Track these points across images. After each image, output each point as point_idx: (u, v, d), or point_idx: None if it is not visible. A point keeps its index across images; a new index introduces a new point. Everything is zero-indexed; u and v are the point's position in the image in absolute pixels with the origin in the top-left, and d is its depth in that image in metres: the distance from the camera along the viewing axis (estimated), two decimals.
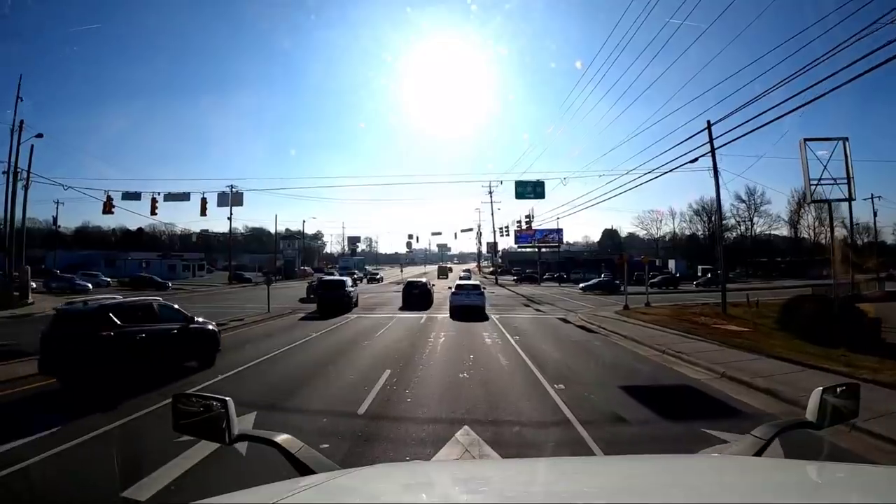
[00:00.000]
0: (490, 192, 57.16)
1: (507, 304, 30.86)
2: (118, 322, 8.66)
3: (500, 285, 53.62)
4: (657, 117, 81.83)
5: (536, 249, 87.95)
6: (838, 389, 1.76)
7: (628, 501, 1.31)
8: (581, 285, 45.11)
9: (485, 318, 21.51)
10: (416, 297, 28.20)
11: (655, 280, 52.24)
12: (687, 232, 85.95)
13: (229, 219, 57.19)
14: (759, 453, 1.66)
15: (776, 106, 13.55)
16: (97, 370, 8.10)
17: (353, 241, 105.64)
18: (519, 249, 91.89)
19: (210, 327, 11.19)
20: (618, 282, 47.21)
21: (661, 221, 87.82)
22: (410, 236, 56.00)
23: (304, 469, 1.55)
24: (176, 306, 10.74)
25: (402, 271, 63.19)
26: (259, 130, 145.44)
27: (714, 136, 21.29)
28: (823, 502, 1.25)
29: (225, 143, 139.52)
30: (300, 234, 78.55)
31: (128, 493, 4.43)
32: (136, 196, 31.99)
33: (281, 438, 1.64)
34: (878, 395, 7.46)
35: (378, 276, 59.95)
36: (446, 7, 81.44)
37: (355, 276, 60.88)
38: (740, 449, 1.73)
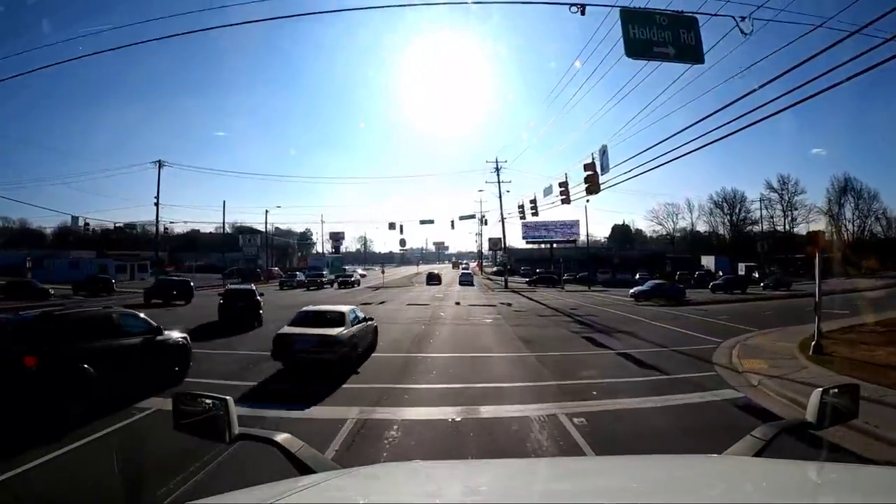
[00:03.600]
0: (497, 170, 44.25)
1: (548, 335, 15.70)
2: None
3: (514, 290, 40.64)
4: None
5: (549, 245, 75.12)
6: (838, 390, 1.76)
7: (628, 501, 1.31)
8: (632, 291, 32.10)
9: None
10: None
11: (719, 282, 40.22)
12: (701, 227, 79.80)
13: (156, 203, 44.21)
14: (759, 454, 1.64)
15: None
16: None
17: (337, 237, 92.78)
18: (527, 246, 79.02)
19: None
20: (681, 286, 34.52)
21: (677, 215, 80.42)
22: (392, 225, 42.47)
23: (303, 468, 1.56)
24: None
25: (383, 272, 49.99)
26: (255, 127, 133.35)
27: None
28: (823, 502, 1.28)
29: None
30: (297, 232, 66.31)
31: None
32: None
33: (281, 438, 1.65)
34: None
35: (352, 279, 46.92)
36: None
37: (323, 278, 48.12)
38: (740, 449, 1.71)
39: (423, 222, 42.62)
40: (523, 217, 32.65)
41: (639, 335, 15.40)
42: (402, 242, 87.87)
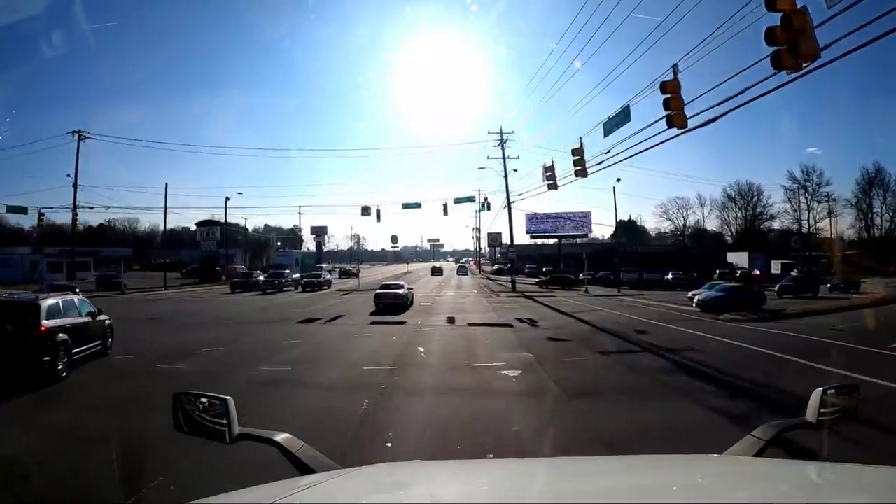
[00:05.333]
0: (501, 142, 34.92)
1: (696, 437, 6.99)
2: None
3: (526, 295, 31.22)
4: None
5: (556, 240, 66.02)
6: (838, 389, 1.74)
7: (628, 501, 1.31)
8: (698, 298, 22.95)
9: None
10: None
11: (788, 283, 32.51)
12: (710, 223, 74.63)
13: (74, 185, 34.82)
14: (759, 454, 1.63)
15: None
16: None
17: (319, 231, 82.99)
18: (529, 242, 69.91)
19: None
20: (762, 291, 25.37)
21: (687, 210, 74.88)
22: (366, 209, 32.60)
23: (304, 468, 1.56)
24: None
25: (358, 273, 40.68)
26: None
27: None
28: (823, 502, 1.26)
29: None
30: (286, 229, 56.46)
31: None
32: None
33: (281, 438, 1.66)
34: None
35: (320, 280, 37.33)
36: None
37: (284, 279, 38.71)
38: (740, 449, 1.70)
39: (406, 206, 33.16)
40: (552, 181, 23.07)
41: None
42: (394, 239, 79.94)
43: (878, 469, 1.51)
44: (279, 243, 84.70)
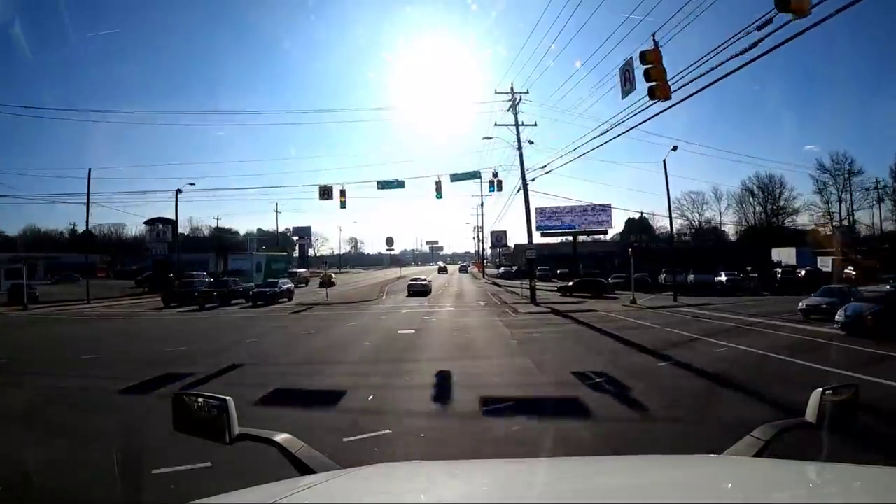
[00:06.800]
0: (513, 104, 25.89)
1: None
2: None
3: (553, 307, 22.00)
4: None
5: (572, 238, 57.01)
6: (838, 390, 1.71)
7: (628, 501, 1.31)
8: (840, 316, 14.19)
9: None
10: None
11: None
12: (726, 219, 68.57)
13: None
14: (758, 454, 1.61)
15: None
16: None
17: (301, 232, 74.20)
18: (536, 240, 60.99)
19: None
20: None
21: (703, 205, 69.12)
22: (325, 190, 23.50)
23: (304, 469, 1.54)
24: None
25: (325, 286, 31.78)
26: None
27: None
28: (823, 502, 1.26)
29: None
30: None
31: None
32: None
33: (281, 438, 1.64)
34: None
35: (275, 291, 28.10)
36: None
37: (231, 287, 29.71)
38: (739, 449, 1.67)
39: (384, 185, 23.98)
40: (629, 83, 13.58)
41: None
42: (389, 241, 73.16)
43: (878, 469, 1.48)
44: (264, 247, 75.62)
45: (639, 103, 14.58)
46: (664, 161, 27.50)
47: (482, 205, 62.44)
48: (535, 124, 26.77)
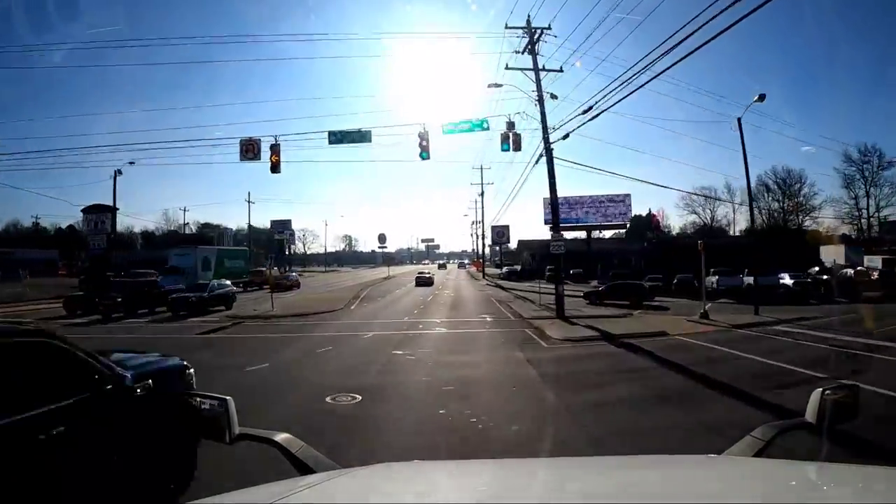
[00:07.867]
0: (531, 42, 18.37)
1: None
2: None
3: (610, 333, 14.24)
4: None
5: (586, 233, 49.50)
6: (838, 390, 1.70)
7: (628, 501, 1.29)
8: None
9: None
10: None
11: None
12: (739, 216, 65.94)
13: None
14: (758, 454, 1.62)
15: None
16: None
17: (281, 226, 66.57)
18: (533, 237, 53.76)
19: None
20: None
21: (715, 203, 66.03)
22: (248, 146, 16.30)
23: (303, 468, 1.58)
24: None
25: (274, 290, 24.02)
26: None
27: None
28: (823, 502, 1.24)
29: None
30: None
31: None
32: None
33: (281, 438, 1.66)
34: None
35: (203, 297, 20.31)
36: None
37: (146, 289, 21.94)
38: (740, 450, 1.68)
39: (336, 138, 15.69)
40: None
41: None
42: (381, 238, 66.57)
43: (878, 469, 1.46)
44: (246, 243, 67.88)
45: None
46: (738, 120, 19.91)
47: (482, 194, 54.82)
48: (561, 70, 19.18)
